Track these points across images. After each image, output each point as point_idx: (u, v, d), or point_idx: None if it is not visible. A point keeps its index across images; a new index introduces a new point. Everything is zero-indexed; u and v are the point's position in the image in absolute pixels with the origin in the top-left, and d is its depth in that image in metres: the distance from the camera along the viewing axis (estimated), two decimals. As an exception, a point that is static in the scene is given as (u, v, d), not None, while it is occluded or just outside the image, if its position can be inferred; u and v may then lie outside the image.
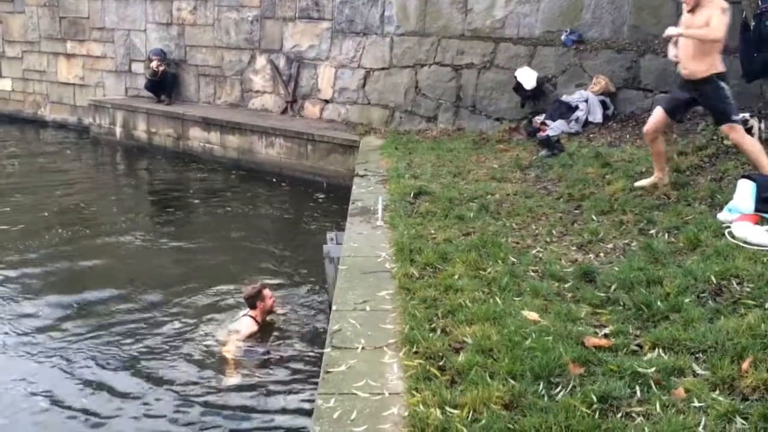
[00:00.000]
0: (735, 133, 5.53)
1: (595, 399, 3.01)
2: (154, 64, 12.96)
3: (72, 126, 15.20)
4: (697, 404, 2.96)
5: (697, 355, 3.39)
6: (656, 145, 6.11)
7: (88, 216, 9.25)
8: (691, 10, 5.51)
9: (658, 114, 6.06)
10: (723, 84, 5.50)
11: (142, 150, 13.00)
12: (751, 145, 5.60)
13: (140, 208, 10.02)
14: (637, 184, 6.29)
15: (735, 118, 5.49)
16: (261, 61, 12.45)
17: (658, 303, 3.95)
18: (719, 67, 5.51)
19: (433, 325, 3.86)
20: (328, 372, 3.42)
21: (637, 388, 3.11)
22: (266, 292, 5.75)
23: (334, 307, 4.27)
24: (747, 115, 6.85)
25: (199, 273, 7.15)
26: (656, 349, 3.46)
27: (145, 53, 13.65)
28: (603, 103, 9.10)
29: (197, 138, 12.28)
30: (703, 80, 5.54)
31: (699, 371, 3.25)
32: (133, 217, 9.32)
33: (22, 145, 14.14)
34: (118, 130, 13.49)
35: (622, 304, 4.08)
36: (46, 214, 9.16)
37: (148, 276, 7.13)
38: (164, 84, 13.18)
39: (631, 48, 9.15)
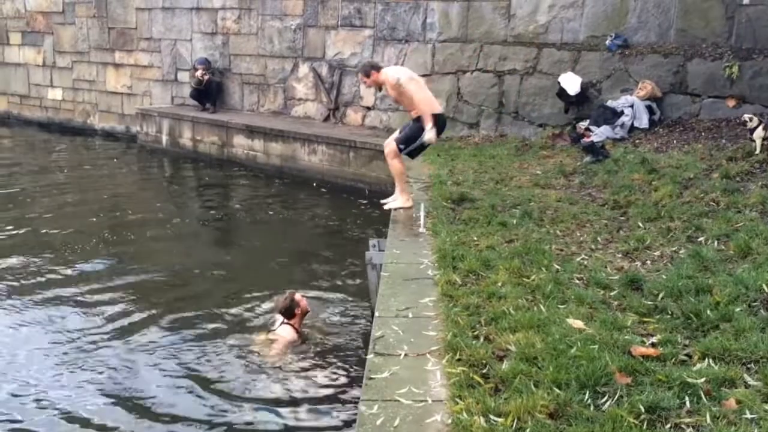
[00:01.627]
0: (390, 152, 6.87)
1: (642, 409, 2.95)
2: (199, 73, 13.19)
3: (120, 134, 15.58)
4: (749, 416, 2.88)
5: (748, 366, 3.30)
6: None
7: (134, 221, 9.45)
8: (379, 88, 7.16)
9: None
10: (420, 127, 6.71)
11: (187, 157, 13.25)
12: (394, 167, 6.89)
13: (185, 214, 10.18)
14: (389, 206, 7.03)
15: (402, 147, 6.81)
16: (304, 69, 12.58)
17: (708, 312, 3.87)
18: (424, 111, 6.67)
19: (476, 333, 3.83)
20: (371, 378, 3.41)
21: (687, 398, 3.04)
22: (297, 296, 5.77)
23: (376, 314, 4.27)
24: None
25: (242, 279, 7.24)
26: (706, 359, 3.38)
27: (190, 62, 13.91)
28: (649, 109, 8.96)
29: (241, 145, 12.45)
30: (416, 119, 6.75)
31: (751, 382, 3.16)
32: (177, 223, 9.49)
33: (71, 153, 14.54)
34: (164, 138, 13.77)
35: (670, 312, 3.99)
36: (94, 219, 9.39)
37: (190, 281, 7.25)
38: (209, 92, 13.40)
39: (677, 52, 9.00)
